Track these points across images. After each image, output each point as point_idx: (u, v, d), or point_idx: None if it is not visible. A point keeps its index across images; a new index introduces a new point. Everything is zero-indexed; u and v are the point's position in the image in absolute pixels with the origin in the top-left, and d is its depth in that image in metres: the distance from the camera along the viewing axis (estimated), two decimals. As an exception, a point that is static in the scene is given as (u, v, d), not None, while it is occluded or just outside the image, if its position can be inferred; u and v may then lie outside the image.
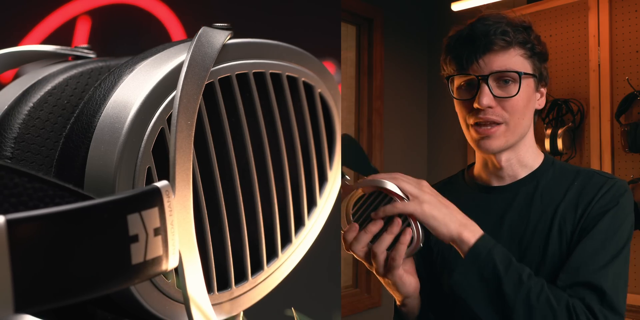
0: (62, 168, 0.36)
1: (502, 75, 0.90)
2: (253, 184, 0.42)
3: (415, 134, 3.04)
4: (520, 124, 0.92)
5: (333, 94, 0.48)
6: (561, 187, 0.94)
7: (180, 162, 0.35)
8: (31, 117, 0.39)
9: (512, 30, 0.90)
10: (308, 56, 0.46)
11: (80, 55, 0.49)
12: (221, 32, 0.39)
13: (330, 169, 0.48)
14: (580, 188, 0.93)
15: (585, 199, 0.91)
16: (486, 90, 0.89)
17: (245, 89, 0.41)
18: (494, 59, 0.89)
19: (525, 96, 0.91)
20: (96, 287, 0.24)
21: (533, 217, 0.93)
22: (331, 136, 0.48)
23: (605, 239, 0.87)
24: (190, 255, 0.34)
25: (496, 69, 0.89)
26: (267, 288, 0.44)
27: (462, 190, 1.03)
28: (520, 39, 0.90)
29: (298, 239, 0.46)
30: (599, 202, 0.90)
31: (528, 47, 0.91)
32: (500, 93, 0.90)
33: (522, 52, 0.91)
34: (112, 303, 0.35)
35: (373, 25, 2.77)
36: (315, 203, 0.48)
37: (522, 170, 0.97)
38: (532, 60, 0.92)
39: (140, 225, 0.26)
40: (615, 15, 2.21)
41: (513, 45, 0.90)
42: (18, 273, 0.21)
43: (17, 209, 0.24)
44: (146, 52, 0.40)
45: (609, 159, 2.20)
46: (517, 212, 0.95)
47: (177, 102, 0.35)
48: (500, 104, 0.90)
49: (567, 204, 0.92)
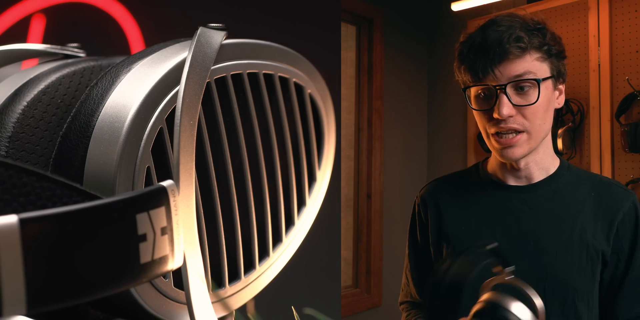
0: (59, 167, 0.35)
1: (519, 83, 0.87)
2: (246, 184, 0.42)
3: (415, 134, 3.04)
4: (542, 128, 0.90)
5: (322, 95, 0.48)
6: (579, 195, 0.94)
7: (184, 161, 0.35)
8: (25, 116, 0.38)
9: (527, 34, 0.87)
10: (299, 57, 0.46)
11: (71, 54, 0.49)
12: (218, 33, 0.39)
13: (318, 169, 0.49)
14: (598, 198, 0.93)
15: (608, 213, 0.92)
16: (505, 100, 0.86)
17: (239, 89, 0.42)
18: (510, 67, 0.86)
19: (545, 100, 0.89)
20: (106, 286, 0.24)
21: (551, 223, 0.92)
22: (319, 136, 0.49)
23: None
24: (193, 255, 0.34)
25: (514, 77, 0.86)
26: (258, 287, 0.44)
27: (477, 185, 1.02)
28: (535, 43, 0.87)
29: (288, 238, 0.46)
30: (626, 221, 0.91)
31: (545, 50, 0.89)
32: (520, 101, 0.87)
33: (539, 55, 0.88)
34: (106, 302, 0.35)
35: (373, 25, 2.77)
36: (304, 202, 0.48)
37: (539, 173, 0.96)
38: (550, 61, 0.90)
39: (148, 224, 0.26)
40: (615, 15, 2.21)
41: (529, 50, 0.87)
42: (30, 272, 0.21)
43: (25, 209, 0.24)
44: (142, 52, 0.40)
45: (609, 159, 2.20)
46: (535, 215, 0.94)
47: (180, 102, 0.35)
48: (521, 111, 0.88)
49: (587, 215, 0.92)
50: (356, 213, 2.77)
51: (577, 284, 0.89)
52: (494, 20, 0.90)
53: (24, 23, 1.07)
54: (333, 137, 0.50)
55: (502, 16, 0.91)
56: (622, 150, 2.16)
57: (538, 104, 0.87)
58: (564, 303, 0.89)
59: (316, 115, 0.48)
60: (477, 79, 0.89)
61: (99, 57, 0.46)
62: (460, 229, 0.98)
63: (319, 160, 0.49)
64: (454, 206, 1.01)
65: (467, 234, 0.97)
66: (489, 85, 0.88)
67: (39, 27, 1.06)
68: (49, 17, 1.09)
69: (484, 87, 0.89)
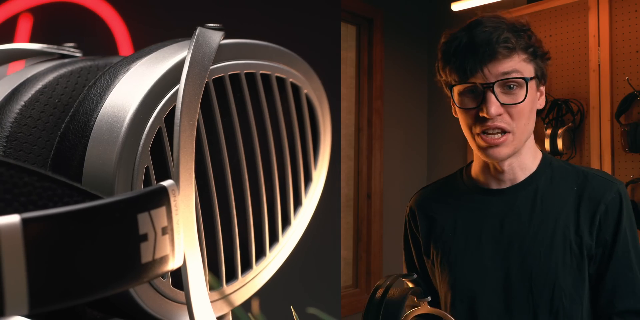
0: (57, 167, 0.35)
1: (507, 81, 0.88)
2: (244, 184, 0.42)
3: (415, 134, 3.04)
4: (526, 129, 0.91)
5: (318, 95, 0.48)
6: (561, 192, 0.95)
7: (184, 161, 0.35)
8: (23, 115, 0.38)
9: (513, 35, 0.89)
10: (295, 57, 0.46)
11: (67, 54, 0.49)
12: (216, 33, 0.39)
13: (314, 169, 0.49)
14: (580, 192, 0.93)
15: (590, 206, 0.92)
16: (493, 98, 0.87)
17: (236, 89, 0.42)
18: (498, 66, 0.88)
19: (530, 100, 0.90)
20: (107, 286, 0.24)
21: (534, 223, 0.93)
22: (315, 136, 0.49)
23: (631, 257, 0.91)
24: (192, 255, 0.34)
25: (501, 74, 0.88)
26: (255, 286, 0.45)
27: (461, 190, 1.04)
28: (522, 44, 0.89)
29: (285, 238, 0.46)
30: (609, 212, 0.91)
31: (530, 52, 0.90)
32: (507, 100, 0.88)
33: (526, 56, 0.90)
34: (104, 301, 0.35)
35: (373, 25, 2.77)
36: (300, 202, 0.48)
37: (522, 173, 0.97)
38: (536, 62, 0.91)
39: (149, 224, 0.26)
40: (615, 15, 2.21)
41: (516, 50, 0.89)
42: (33, 272, 0.21)
43: (26, 208, 0.24)
44: (140, 52, 0.40)
45: (609, 159, 2.20)
46: (517, 217, 0.95)
47: (180, 101, 0.35)
48: (507, 110, 0.89)
49: (569, 211, 0.93)
50: (356, 213, 2.77)
51: (562, 282, 0.90)
52: (479, 21, 0.91)
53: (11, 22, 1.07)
54: (329, 137, 0.50)
55: (488, 17, 0.92)
56: (622, 150, 2.16)
57: (524, 104, 0.89)
58: (551, 302, 0.90)
59: (312, 115, 0.48)
60: (465, 77, 0.89)
61: (95, 57, 0.46)
62: (449, 236, 1.00)
63: (315, 161, 0.49)
64: (441, 214, 1.02)
65: (454, 240, 0.99)
66: (476, 84, 0.89)
67: (26, 27, 1.05)
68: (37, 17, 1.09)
69: (470, 86, 0.90)
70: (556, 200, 0.94)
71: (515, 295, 0.91)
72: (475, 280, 0.95)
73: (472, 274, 0.96)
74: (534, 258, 0.91)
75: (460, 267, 0.97)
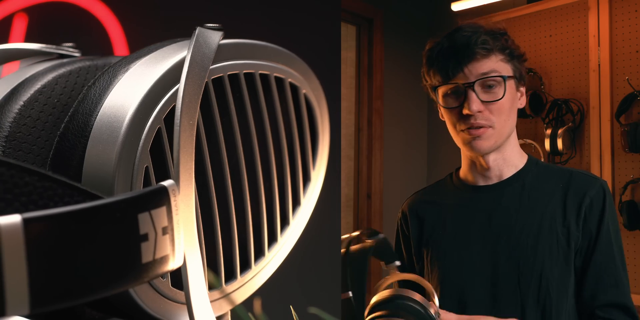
0: (56, 167, 0.35)
1: (486, 80, 0.95)
2: (243, 184, 0.42)
3: (415, 134, 3.04)
4: (507, 124, 0.97)
5: (317, 95, 0.49)
6: (547, 187, 0.99)
7: (184, 161, 0.35)
8: (22, 115, 0.38)
9: (491, 38, 0.96)
10: (294, 57, 0.46)
11: (66, 54, 0.49)
12: (215, 33, 0.39)
13: (313, 169, 0.49)
14: (566, 188, 0.98)
15: (576, 199, 0.96)
16: (473, 96, 0.94)
17: (235, 90, 0.42)
18: (477, 66, 0.95)
19: (509, 98, 0.96)
20: (108, 285, 0.24)
21: (521, 217, 0.97)
22: (314, 136, 0.49)
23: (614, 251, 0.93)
24: (192, 255, 0.35)
25: (481, 74, 0.94)
26: (253, 286, 0.45)
27: (451, 191, 1.08)
28: (499, 46, 0.96)
29: (283, 238, 0.46)
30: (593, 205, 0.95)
31: (507, 53, 0.97)
32: (487, 97, 0.95)
33: (502, 57, 0.97)
34: (103, 301, 0.35)
35: (373, 25, 2.77)
36: (299, 202, 0.48)
37: (508, 170, 1.02)
38: (513, 63, 0.98)
39: (150, 224, 0.26)
40: (615, 15, 2.21)
41: (494, 51, 0.96)
42: (33, 272, 0.21)
43: (27, 208, 0.24)
44: (139, 52, 0.40)
45: (609, 159, 2.20)
46: (505, 211, 0.99)
47: (180, 101, 0.35)
48: (488, 107, 0.95)
49: (556, 205, 0.96)
50: (356, 213, 2.77)
51: (549, 273, 0.92)
52: (459, 27, 1.00)
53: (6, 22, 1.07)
54: (327, 137, 0.50)
55: (466, 24, 1.01)
56: (622, 150, 2.16)
57: (504, 100, 0.95)
58: (537, 293, 0.92)
59: (311, 115, 0.48)
60: (447, 78, 0.97)
61: (94, 57, 0.46)
62: (439, 234, 1.04)
63: (313, 161, 0.49)
64: (432, 214, 1.07)
65: (443, 238, 1.03)
66: (459, 84, 0.95)
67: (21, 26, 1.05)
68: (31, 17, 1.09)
69: (453, 86, 0.97)
70: (543, 195, 0.98)
71: (502, 287, 0.94)
72: (464, 274, 0.98)
73: (461, 268, 0.99)
74: (522, 250, 0.95)
75: (450, 263, 1.00)
